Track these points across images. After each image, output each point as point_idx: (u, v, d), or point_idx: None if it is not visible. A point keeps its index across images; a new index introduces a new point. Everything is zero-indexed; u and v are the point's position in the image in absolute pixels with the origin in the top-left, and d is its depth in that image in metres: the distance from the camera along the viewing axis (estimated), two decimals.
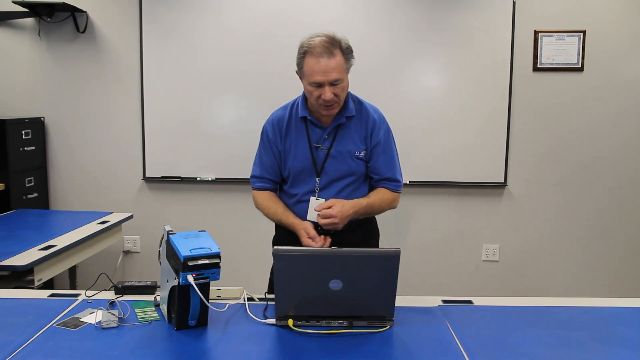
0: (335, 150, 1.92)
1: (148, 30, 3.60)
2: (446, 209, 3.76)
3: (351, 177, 1.96)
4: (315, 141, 1.93)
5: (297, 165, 1.94)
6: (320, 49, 1.78)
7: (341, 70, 1.80)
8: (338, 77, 1.79)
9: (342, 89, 1.82)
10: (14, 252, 2.37)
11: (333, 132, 1.92)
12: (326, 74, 1.78)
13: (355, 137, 1.93)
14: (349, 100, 1.93)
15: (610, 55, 3.60)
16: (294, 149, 1.94)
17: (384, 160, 1.97)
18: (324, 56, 1.77)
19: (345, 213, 1.85)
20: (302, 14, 3.55)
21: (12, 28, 3.68)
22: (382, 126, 1.97)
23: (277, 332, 1.50)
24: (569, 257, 3.80)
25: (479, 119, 3.64)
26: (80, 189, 3.79)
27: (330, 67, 1.77)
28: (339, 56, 1.79)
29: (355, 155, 1.93)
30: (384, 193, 2.00)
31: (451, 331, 1.52)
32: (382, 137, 1.96)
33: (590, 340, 1.47)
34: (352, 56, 1.85)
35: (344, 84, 1.82)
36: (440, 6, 3.55)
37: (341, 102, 1.86)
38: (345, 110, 1.91)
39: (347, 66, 1.83)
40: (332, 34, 1.82)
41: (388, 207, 2.03)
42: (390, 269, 1.48)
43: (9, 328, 1.49)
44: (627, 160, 3.70)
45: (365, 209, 1.94)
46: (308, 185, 1.95)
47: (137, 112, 3.69)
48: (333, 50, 1.78)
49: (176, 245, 1.46)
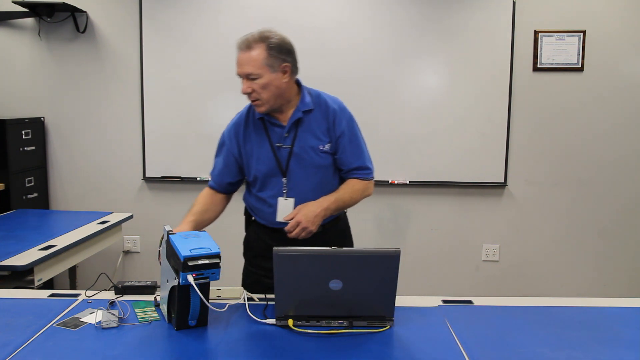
0: (298, 147, 1.87)
1: (148, 30, 3.60)
2: (446, 209, 3.77)
3: (319, 172, 1.90)
4: (276, 141, 1.88)
5: (262, 168, 1.89)
6: (241, 42, 1.78)
7: (257, 65, 1.75)
8: (251, 72, 1.76)
9: (260, 86, 1.77)
10: (14, 252, 2.37)
11: (293, 129, 1.87)
12: (241, 67, 1.78)
13: (317, 131, 1.88)
14: (305, 95, 1.89)
15: (610, 55, 3.60)
16: (257, 151, 1.90)
17: (351, 150, 1.92)
18: (242, 49, 1.78)
19: (312, 214, 1.80)
20: (302, 14, 3.55)
21: (12, 28, 3.68)
22: (343, 116, 1.91)
23: (277, 332, 1.50)
24: (569, 257, 3.80)
25: (479, 119, 3.64)
26: (80, 189, 3.79)
27: (244, 60, 1.77)
28: (259, 51, 1.75)
29: (319, 149, 1.88)
30: (354, 183, 1.95)
31: (451, 331, 1.51)
32: (345, 126, 1.90)
33: (590, 340, 1.47)
34: (282, 55, 1.78)
35: (262, 80, 1.76)
36: (440, 6, 3.55)
37: (265, 100, 1.80)
38: (302, 104, 1.87)
39: (269, 63, 1.76)
40: (269, 31, 1.80)
41: (361, 197, 1.96)
42: (390, 269, 1.48)
43: (9, 328, 1.49)
44: (627, 160, 3.70)
45: (336, 203, 1.88)
46: (276, 187, 1.90)
47: (137, 112, 3.69)
48: (254, 44, 1.76)
49: (176, 245, 1.46)
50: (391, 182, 3.67)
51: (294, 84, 1.88)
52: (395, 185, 3.69)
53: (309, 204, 1.83)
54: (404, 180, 3.68)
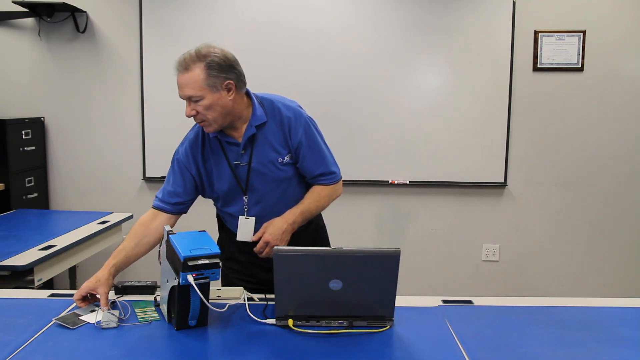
0: (256, 162, 1.78)
1: (148, 30, 3.60)
2: (446, 209, 3.77)
3: (281, 185, 1.82)
4: (233, 159, 1.79)
5: (223, 186, 1.82)
6: (179, 64, 1.69)
7: (197, 87, 1.65)
8: (192, 94, 1.66)
9: (204, 107, 1.67)
10: (14, 252, 2.37)
11: (248, 145, 1.78)
12: (181, 89, 1.68)
13: (274, 143, 1.79)
14: (256, 107, 1.78)
15: (610, 55, 3.60)
16: (217, 170, 1.82)
17: (312, 158, 1.82)
18: (180, 70, 1.68)
19: (279, 231, 1.74)
20: (301, 16, 3.55)
21: (12, 28, 3.68)
22: (299, 123, 1.80)
23: (277, 332, 1.50)
24: (569, 257, 3.80)
25: (479, 119, 3.64)
26: (80, 189, 3.79)
27: (182, 82, 1.67)
28: (198, 71, 1.65)
29: (279, 162, 1.79)
30: (320, 190, 1.86)
31: (451, 331, 1.51)
32: (303, 134, 1.80)
33: (590, 340, 1.47)
34: (223, 74, 1.67)
35: (205, 102, 1.66)
36: (440, 6, 3.55)
37: (212, 120, 1.70)
38: (254, 119, 1.77)
39: (209, 83, 1.66)
40: (207, 47, 1.72)
41: (330, 200, 1.89)
42: (390, 269, 1.48)
43: (9, 328, 1.49)
44: (627, 160, 3.70)
45: (302, 215, 1.80)
46: (239, 204, 1.84)
47: (137, 112, 3.69)
48: (191, 65, 1.66)
49: (176, 245, 1.46)
50: (391, 182, 3.67)
51: (243, 96, 1.77)
52: (395, 185, 3.69)
53: (274, 221, 1.77)
54: (404, 180, 3.68)
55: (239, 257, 1.94)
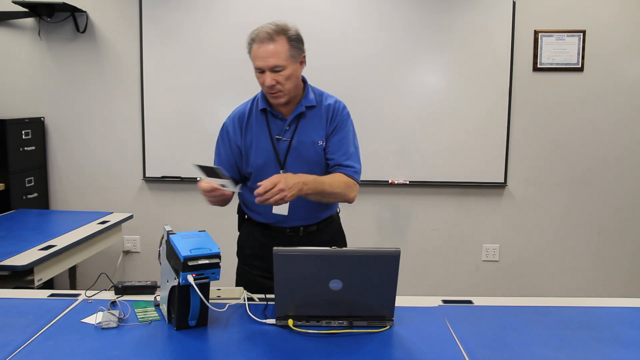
0: (297, 141, 1.88)
1: (148, 30, 3.60)
2: (446, 209, 3.77)
3: (316, 168, 1.90)
4: (276, 133, 1.89)
5: (260, 159, 1.90)
6: (263, 35, 1.77)
7: (282, 57, 1.77)
8: (277, 64, 1.76)
9: (285, 78, 1.79)
10: (14, 252, 2.37)
11: (294, 122, 1.89)
12: (265, 60, 1.77)
13: (317, 126, 1.90)
14: (309, 92, 1.91)
15: (610, 55, 3.61)
16: (256, 143, 1.90)
17: (338, 145, 1.89)
18: (264, 42, 1.76)
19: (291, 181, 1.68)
20: (301, 15, 3.54)
21: (12, 28, 3.68)
22: (339, 112, 1.92)
23: (277, 332, 1.50)
24: (569, 257, 3.80)
25: (479, 119, 3.64)
26: (80, 189, 3.80)
27: (269, 52, 1.76)
28: (282, 43, 1.77)
29: (318, 144, 1.90)
30: (338, 175, 1.88)
31: (451, 331, 1.51)
32: (339, 122, 1.91)
33: (590, 340, 1.47)
34: (300, 46, 1.82)
35: (287, 72, 1.78)
36: (441, 6, 3.55)
37: (287, 91, 1.82)
38: (305, 100, 1.89)
39: (291, 54, 1.79)
40: (283, 23, 1.82)
41: (342, 192, 1.86)
42: (390, 269, 1.48)
43: (9, 328, 1.49)
44: (627, 160, 3.70)
45: (314, 183, 1.77)
46: None
47: (137, 112, 3.69)
48: (276, 37, 1.77)
49: (176, 245, 1.46)
50: (391, 182, 3.67)
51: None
52: (395, 185, 3.69)
53: (288, 174, 1.75)
54: (404, 180, 3.68)
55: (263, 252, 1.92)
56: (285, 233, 1.94)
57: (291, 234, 1.94)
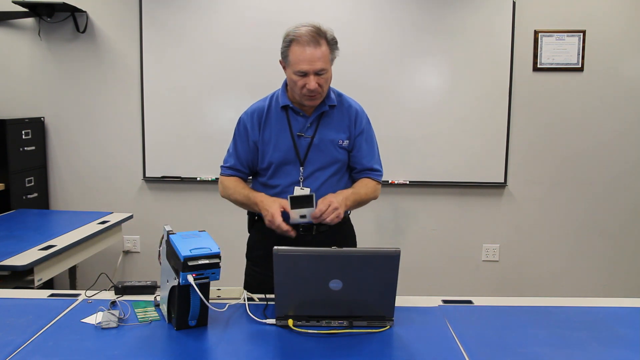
0: (319, 138, 1.92)
1: (148, 30, 3.60)
2: (446, 209, 3.77)
3: (335, 166, 1.95)
4: (297, 130, 1.91)
5: (279, 156, 1.91)
6: (307, 38, 1.77)
7: (326, 60, 1.80)
8: (323, 67, 1.79)
9: (325, 80, 1.83)
10: (14, 252, 2.37)
11: (316, 120, 1.92)
12: (312, 63, 1.77)
13: (338, 125, 1.94)
14: (330, 92, 1.94)
15: (610, 55, 3.61)
16: (275, 139, 1.92)
17: (367, 149, 2.00)
18: (310, 45, 1.77)
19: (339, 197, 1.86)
20: (301, 15, 3.51)
21: (12, 28, 3.68)
22: (364, 116, 2.00)
23: (277, 332, 1.50)
24: (569, 257, 3.80)
25: (479, 119, 3.64)
26: (80, 189, 3.79)
27: (316, 56, 1.77)
28: (325, 46, 1.80)
29: (339, 144, 1.93)
30: (367, 182, 2.01)
31: (451, 331, 1.51)
32: (365, 126, 1.99)
33: (590, 340, 1.47)
34: (336, 48, 1.85)
35: (328, 74, 1.83)
36: (440, 6, 3.55)
37: (324, 93, 1.86)
38: (328, 99, 1.92)
39: (331, 57, 1.83)
40: (318, 24, 1.83)
41: (372, 197, 2.03)
42: (390, 269, 1.48)
43: (9, 328, 1.49)
44: (627, 160, 3.70)
45: (353, 196, 1.93)
46: (291, 176, 1.92)
47: (137, 112, 3.69)
48: (319, 40, 1.78)
49: (176, 245, 1.46)
50: (391, 182, 3.67)
51: None
52: (395, 185, 3.69)
53: (329, 195, 1.87)
54: (404, 180, 3.68)
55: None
56: (298, 233, 1.92)
57: (304, 234, 1.93)
